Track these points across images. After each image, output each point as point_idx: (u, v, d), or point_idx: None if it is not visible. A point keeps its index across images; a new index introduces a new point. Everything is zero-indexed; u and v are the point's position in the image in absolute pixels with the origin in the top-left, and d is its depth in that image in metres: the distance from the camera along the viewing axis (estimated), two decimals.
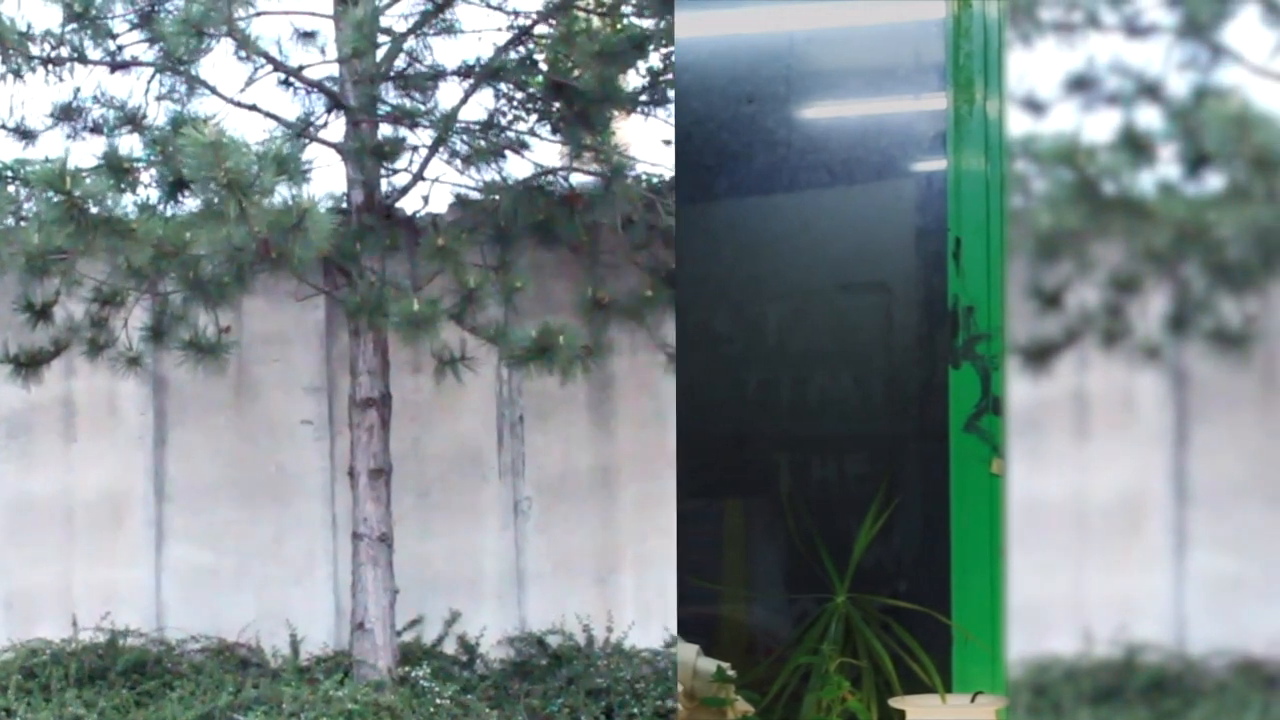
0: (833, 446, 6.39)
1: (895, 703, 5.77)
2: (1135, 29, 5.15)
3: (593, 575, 7.55)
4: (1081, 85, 5.24)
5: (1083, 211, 5.10)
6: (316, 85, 6.98)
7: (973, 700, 5.71)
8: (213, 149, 5.11)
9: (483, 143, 7.01)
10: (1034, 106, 5.34)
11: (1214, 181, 5.05)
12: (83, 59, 6.76)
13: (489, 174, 6.93)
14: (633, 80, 7.11)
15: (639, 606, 7.48)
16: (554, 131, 7.14)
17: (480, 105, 7.04)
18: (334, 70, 7.03)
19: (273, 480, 7.68)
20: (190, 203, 6.04)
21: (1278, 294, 5.35)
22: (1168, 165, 5.11)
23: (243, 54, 6.53)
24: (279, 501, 7.67)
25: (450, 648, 7.42)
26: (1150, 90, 5.17)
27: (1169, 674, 5.47)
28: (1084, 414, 5.47)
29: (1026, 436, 5.55)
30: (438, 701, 6.53)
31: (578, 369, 6.24)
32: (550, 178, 6.96)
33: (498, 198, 6.74)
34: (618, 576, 7.55)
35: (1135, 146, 5.06)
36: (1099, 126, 5.12)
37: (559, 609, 7.49)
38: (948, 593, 6.02)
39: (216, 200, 5.29)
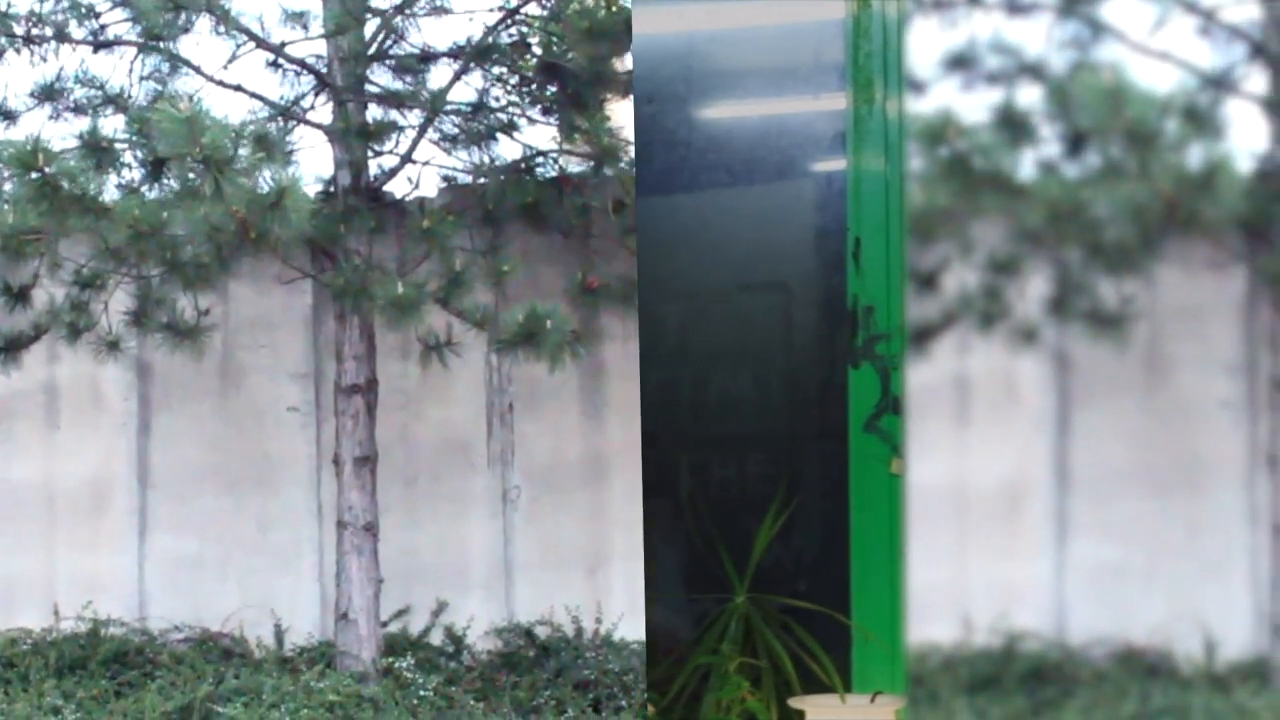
0: (733, 446, 6.44)
1: (795, 703, 5.74)
2: (1016, 7, 5.05)
3: (582, 566, 7.42)
4: (961, 64, 5.16)
5: (957, 191, 5.01)
6: (300, 64, 6.86)
7: (872, 700, 5.71)
8: (188, 125, 4.99)
9: (473, 125, 6.89)
10: (914, 86, 5.27)
11: (1092, 160, 4.98)
12: (65, 38, 6.65)
13: (478, 157, 6.80)
14: (629, 62, 6.99)
15: (629, 598, 7.34)
16: (545, 114, 7.01)
17: (470, 87, 6.91)
18: (322, 50, 6.91)
19: (258, 468, 7.56)
20: (173, 183, 5.93)
21: (1156, 274, 5.28)
22: (1048, 144, 5.03)
23: (222, 30, 6.39)
24: (264, 489, 7.55)
25: (437, 639, 7.30)
26: (1030, 69, 5.09)
27: (1048, 663, 5.37)
28: (964, 399, 5.39)
29: (908, 422, 5.49)
30: (421, 693, 6.41)
31: (566, 355, 6.10)
32: (540, 160, 6.81)
33: (485, 180, 6.60)
34: (607, 567, 7.42)
35: (1013, 125, 4.96)
36: (977, 105, 5.04)
37: (548, 600, 7.36)
38: (847, 593, 6.04)
39: (193, 178, 5.15)
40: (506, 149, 6.99)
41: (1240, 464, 5.67)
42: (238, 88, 6.78)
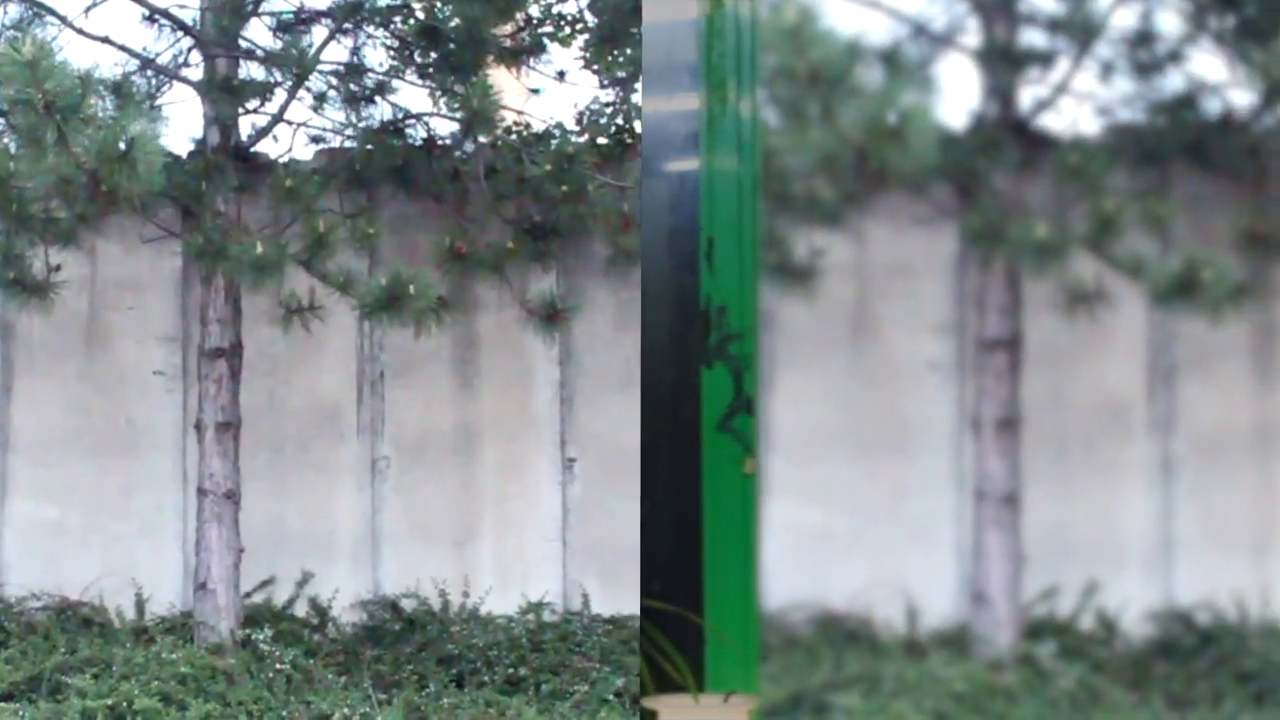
0: None
1: (648, 702, 5.66)
2: None
3: (451, 538, 7.30)
4: None
5: None
6: (170, 18, 6.66)
7: (725, 700, 5.63)
8: (30, 69, 4.77)
9: (352, 87, 6.72)
10: None
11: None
12: None
13: (350, 118, 6.63)
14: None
15: (497, 571, 7.24)
16: (423, 78, 6.85)
17: (343, 47, 6.75)
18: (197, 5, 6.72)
19: (123, 433, 7.36)
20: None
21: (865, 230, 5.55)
22: None
23: None
24: (129, 455, 7.35)
25: (302, 610, 7.14)
26: None
27: None
28: None
29: None
30: (278, 666, 6.25)
31: (432, 322, 5.95)
32: (411, 123, 6.65)
33: (354, 142, 6.43)
34: (476, 540, 7.30)
35: None
36: None
37: (415, 572, 7.23)
38: (701, 593, 5.94)
39: (37, 125, 4.95)
40: (386, 113, 6.85)
41: (946, 427, 5.79)
42: (105, 39, 6.58)
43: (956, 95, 5.50)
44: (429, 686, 6.35)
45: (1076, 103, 5.50)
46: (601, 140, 7.11)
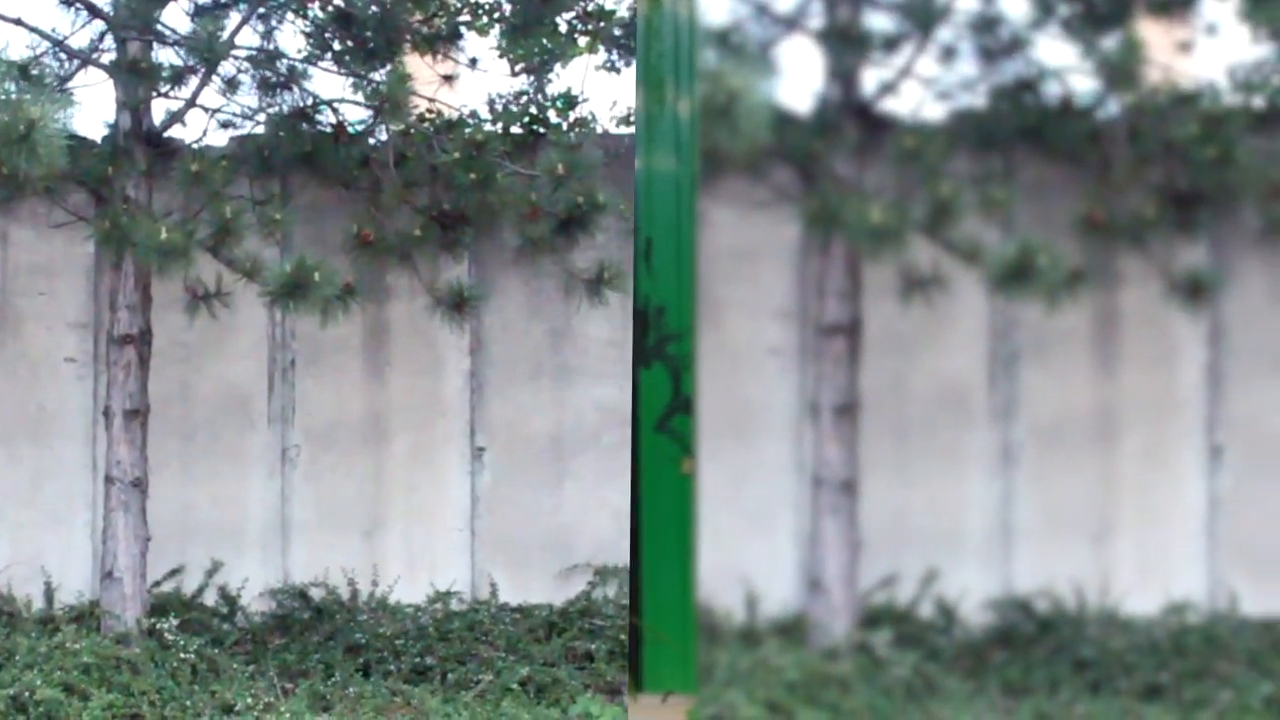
0: None
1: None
2: None
3: (360, 527, 7.27)
4: None
5: None
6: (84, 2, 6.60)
7: (664, 700, 5.64)
8: None
9: (266, 73, 6.67)
10: None
11: None
12: None
13: (261, 104, 6.59)
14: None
15: (406, 560, 7.22)
16: (338, 64, 6.81)
17: (255, 33, 6.70)
18: None
19: (32, 420, 7.27)
20: None
21: None
22: None
23: None
24: (38, 442, 7.26)
25: (211, 599, 7.09)
26: None
27: None
28: None
29: None
30: (183, 655, 6.21)
31: (338, 310, 5.93)
32: (322, 110, 6.62)
33: (262, 128, 6.39)
34: (385, 529, 7.27)
35: None
36: None
37: (324, 561, 7.20)
38: (638, 593, 5.93)
39: None
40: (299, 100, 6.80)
41: (788, 414, 5.80)
42: (18, 21, 6.51)
43: (800, 78, 5.49)
44: (335, 675, 6.34)
45: (922, 87, 5.49)
46: (515, 129, 7.10)
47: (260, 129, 6.73)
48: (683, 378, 5.88)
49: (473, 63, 7.03)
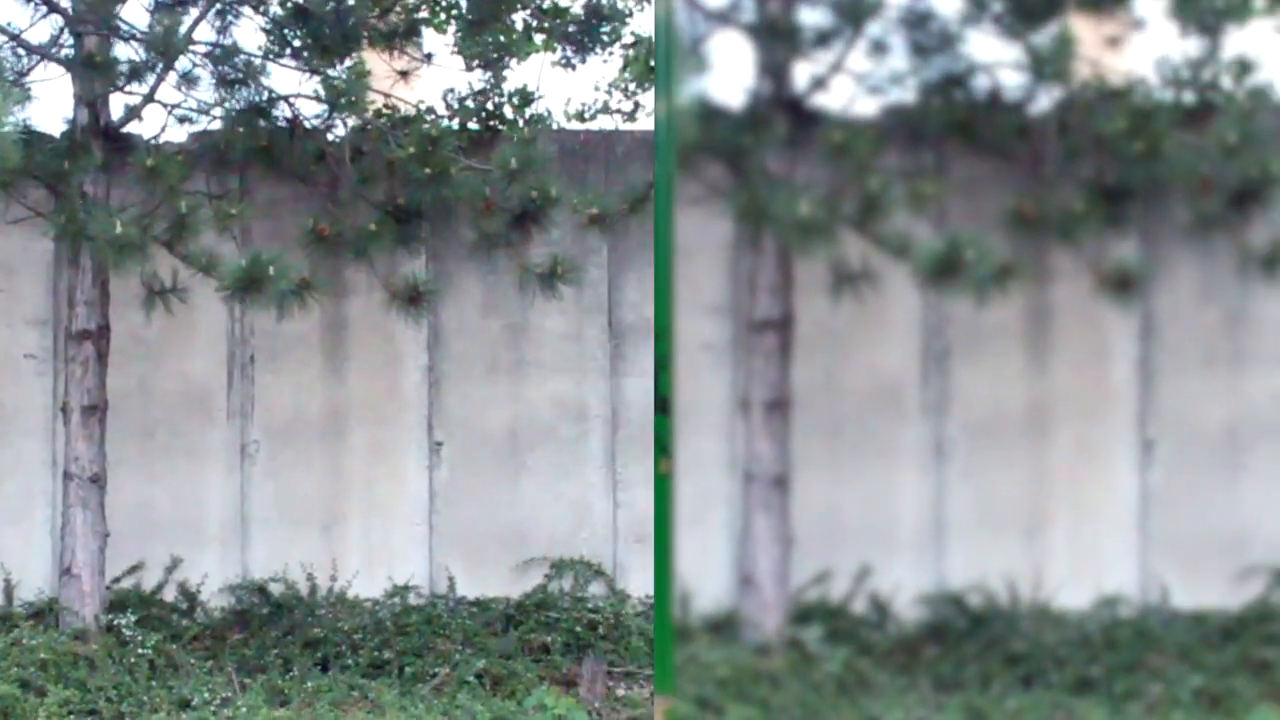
0: None
1: None
2: None
3: (319, 522, 7.28)
4: None
5: None
6: None
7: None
8: None
9: (223, 68, 6.67)
10: None
11: None
12: None
13: (219, 99, 6.58)
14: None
15: (365, 554, 7.24)
16: (296, 59, 6.82)
17: (211, 28, 6.69)
18: None
19: None
20: None
21: None
22: None
23: None
24: None
25: (171, 595, 7.10)
26: None
27: None
28: None
29: None
30: (140, 651, 6.22)
31: (295, 305, 5.93)
32: (278, 105, 6.62)
33: (219, 123, 6.40)
34: (344, 523, 7.29)
35: None
36: None
37: (283, 556, 7.22)
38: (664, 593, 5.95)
39: None
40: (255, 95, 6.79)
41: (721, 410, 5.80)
42: None
43: (731, 73, 5.51)
44: (293, 670, 6.35)
45: (853, 82, 5.52)
46: (471, 125, 7.11)
47: (218, 124, 6.74)
48: (660, 378, 5.89)
49: (428, 58, 7.04)
